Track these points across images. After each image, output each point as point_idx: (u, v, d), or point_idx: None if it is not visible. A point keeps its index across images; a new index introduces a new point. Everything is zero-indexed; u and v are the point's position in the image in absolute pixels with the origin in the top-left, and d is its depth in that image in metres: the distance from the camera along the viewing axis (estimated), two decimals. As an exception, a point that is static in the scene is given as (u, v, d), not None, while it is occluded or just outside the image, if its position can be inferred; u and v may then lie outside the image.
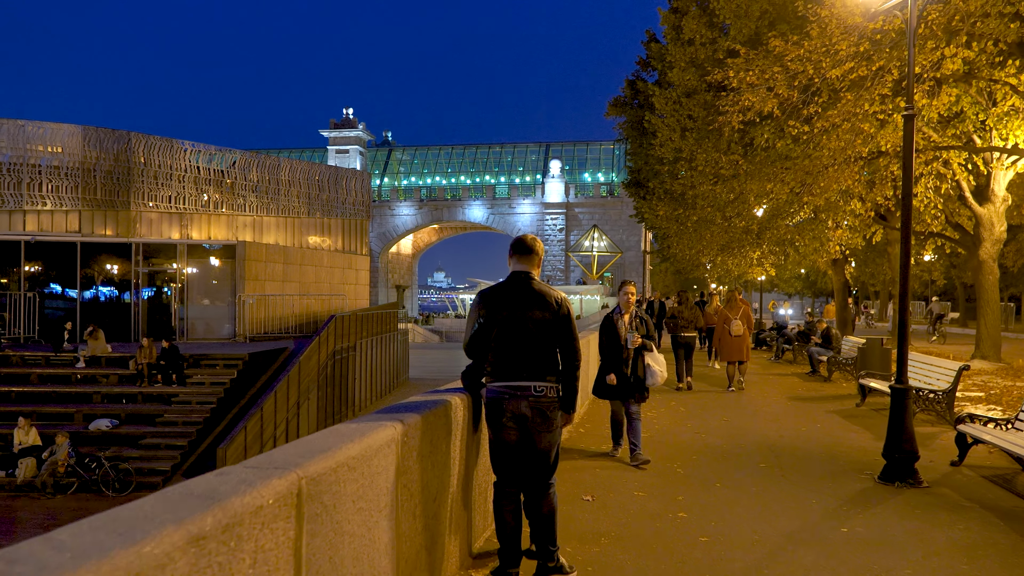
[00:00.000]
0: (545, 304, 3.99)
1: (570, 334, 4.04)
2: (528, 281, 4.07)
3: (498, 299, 4.02)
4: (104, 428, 17.23)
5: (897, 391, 6.79)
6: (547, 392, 3.98)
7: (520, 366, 3.97)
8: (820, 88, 12.28)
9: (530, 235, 4.27)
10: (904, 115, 6.80)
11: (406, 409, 3.65)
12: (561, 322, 4.00)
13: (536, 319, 3.96)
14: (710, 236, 17.43)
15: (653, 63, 20.03)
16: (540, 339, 3.98)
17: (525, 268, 4.12)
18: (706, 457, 7.60)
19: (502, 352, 4.00)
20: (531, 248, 4.15)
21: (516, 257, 4.16)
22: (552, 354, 4.03)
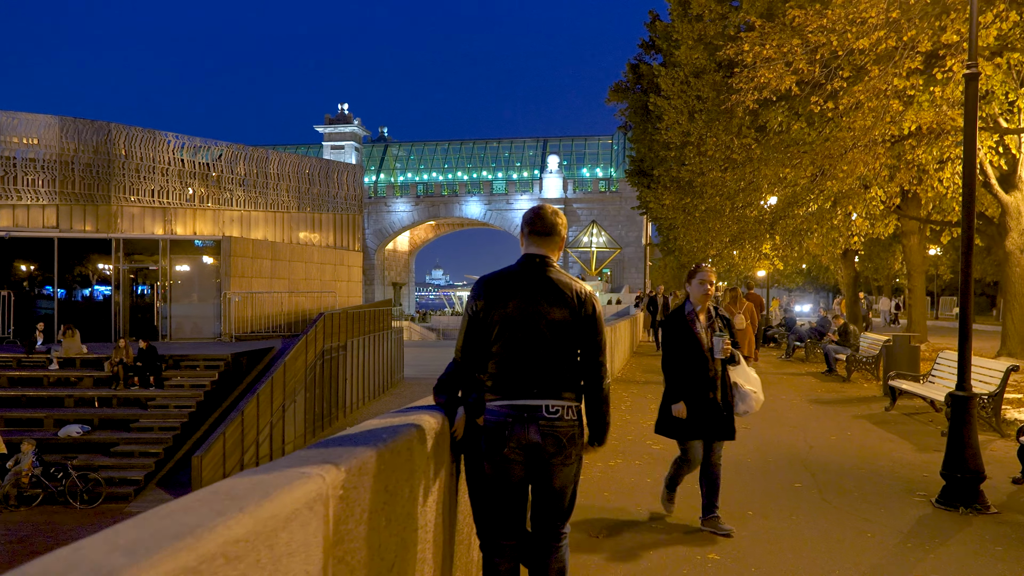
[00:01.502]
0: (564, 300, 2.98)
1: (596, 340, 3.01)
2: (544, 268, 3.05)
3: (503, 289, 2.99)
4: (74, 435, 16.19)
5: (959, 400, 5.77)
6: (563, 414, 2.95)
7: (529, 379, 2.94)
8: (842, 63, 11.24)
9: (551, 207, 3.21)
10: (967, 74, 5.77)
11: (351, 442, 2.61)
12: (585, 324, 2.99)
13: (552, 319, 2.96)
14: (719, 226, 16.39)
15: (658, 42, 18.96)
16: (556, 345, 2.95)
17: (542, 251, 3.08)
18: (730, 475, 6.57)
19: (506, 360, 2.95)
20: (552, 225, 3.11)
21: (531, 236, 3.10)
22: (571, 364, 3.00)
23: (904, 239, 20.10)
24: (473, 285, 3.07)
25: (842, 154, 11.95)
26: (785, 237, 15.63)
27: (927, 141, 11.95)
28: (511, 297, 2.95)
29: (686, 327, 4.91)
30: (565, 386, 2.95)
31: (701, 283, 4.93)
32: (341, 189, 32.79)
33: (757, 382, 5.15)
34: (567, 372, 2.96)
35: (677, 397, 4.89)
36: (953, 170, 13.10)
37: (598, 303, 3.05)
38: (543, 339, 2.92)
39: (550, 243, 3.10)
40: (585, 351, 3.00)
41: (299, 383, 19.60)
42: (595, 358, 3.00)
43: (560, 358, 2.94)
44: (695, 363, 4.84)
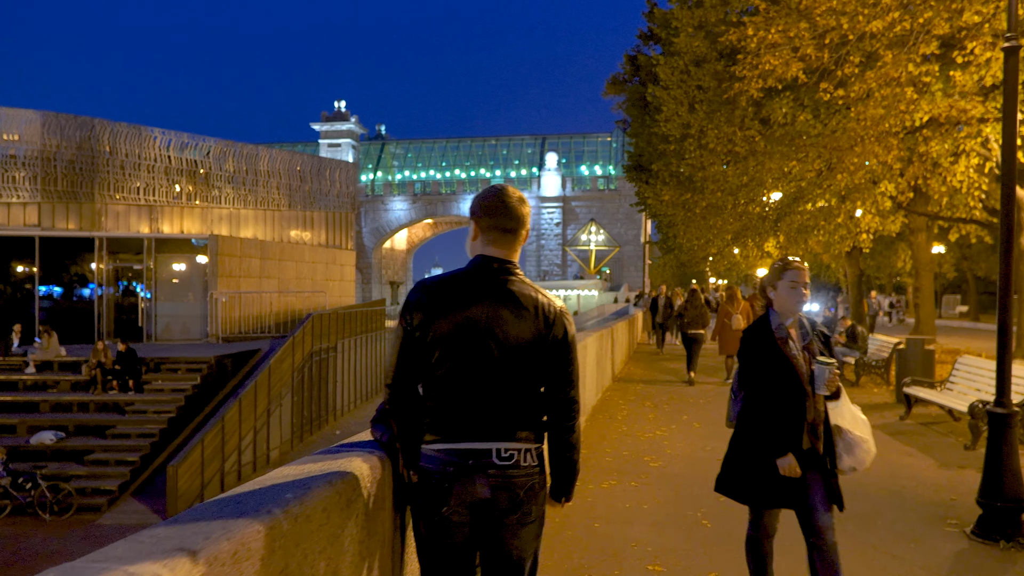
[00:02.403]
0: (527, 318, 2.24)
1: (567, 371, 2.29)
2: (505, 276, 2.29)
3: (448, 299, 2.25)
4: (48, 442, 15.50)
5: (998, 419, 5.09)
6: (520, 459, 2.22)
7: (476, 417, 2.21)
8: (852, 49, 10.55)
9: (517, 190, 2.40)
10: (1005, 47, 5.09)
11: (233, 511, 1.93)
12: (552, 350, 2.26)
13: (510, 341, 2.22)
14: (721, 223, 15.68)
15: (656, 31, 18.25)
16: (513, 374, 2.23)
17: (503, 253, 2.32)
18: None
19: (448, 391, 2.24)
20: (520, 218, 2.33)
21: (491, 231, 2.32)
22: (532, 398, 2.28)
23: (912, 237, 19.43)
24: (410, 291, 2.32)
25: (851, 146, 11.26)
26: (790, 235, 14.95)
27: (942, 132, 11.26)
28: (458, 310, 2.22)
29: (775, 350, 3.36)
30: (522, 424, 2.24)
31: (793, 286, 3.38)
32: (334, 186, 32.11)
33: (866, 425, 3.64)
34: (526, 407, 2.26)
35: (780, 447, 3.28)
36: (968, 163, 12.42)
37: (572, 323, 2.33)
38: (496, 366, 2.21)
39: (514, 242, 2.34)
40: (552, 383, 2.28)
41: (286, 386, 18.93)
42: (564, 393, 2.28)
43: (518, 390, 2.24)
44: (787, 400, 3.32)
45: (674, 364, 16.37)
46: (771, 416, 3.33)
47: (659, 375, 14.54)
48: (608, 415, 9.73)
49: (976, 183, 12.52)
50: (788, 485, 3.34)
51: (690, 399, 11.33)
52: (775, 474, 3.32)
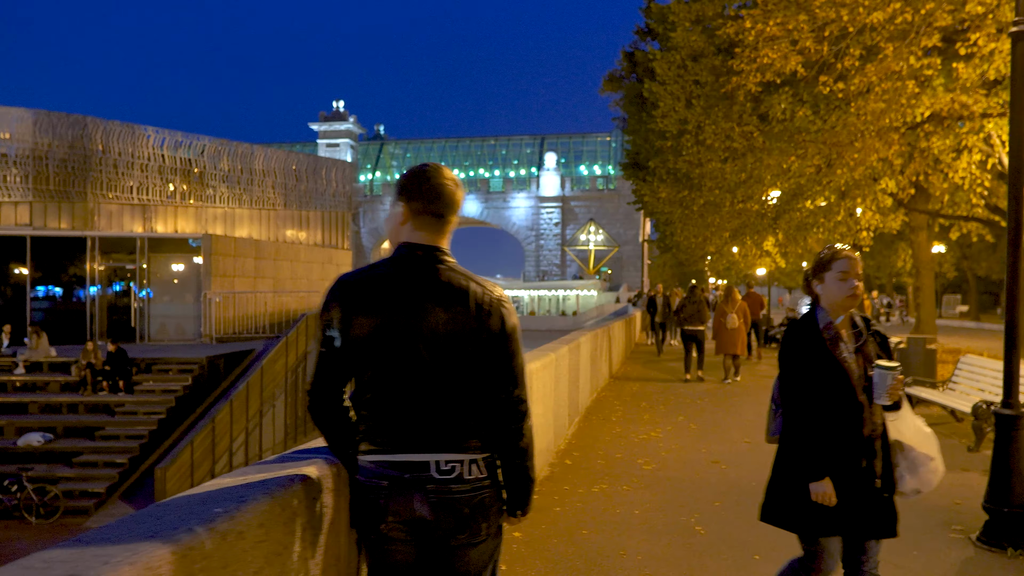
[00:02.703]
0: (461, 310, 1.98)
1: (509, 366, 2.02)
2: (434, 264, 2.03)
3: (370, 295, 1.98)
4: (35, 444, 15.27)
5: (1005, 420, 4.86)
6: (463, 471, 1.97)
7: (410, 424, 1.97)
8: (852, 42, 10.32)
9: (449, 172, 2.11)
10: (1013, 32, 4.86)
11: (146, 530, 1.70)
12: (492, 344, 1.99)
13: (441, 337, 1.96)
14: (719, 221, 15.44)
15: (653, 26, 18.02)
16: (448, 374, 1.97)
17: (432, 239, 2.06)
18: (732, 503, 5.67)
19: (379, 397, 2.00)
20: (453, 201, 2.08)
21: (420, 216, 2.05)
22: (476, 401, 2.01)
23: (912, 235, 19.19)
24: (329, 288, 2.06)
25: (851, 142, 11.03)
26: (789, 233, 14.71)
27: (944, 127, 11.04)
28: (379, 307, 1.96)
29: (823, 353, 2.84)
30: (465, 431, 1.99)
31: (843, 277, 2.84)
32: (330, 186, 31.88)
33: (932, 440, 3.00)
34: (468, 412, 2.00)
35: (816, 469, 2.79)
36: (970, 159, 12.19)
37: (511, 313, 2.05)
38: (427, 367, 1.97)
39: (445, 228, 2.09)
40: (493, 383, 2.01)
41: (279, 387, 18.70)
42: (507, 392, 2.02)
43: (456, 393, 1.99)
44: (839, 411, 2.81)
45: (671, 364, 16.14)
46: (819, 431, 2.79)
47: (655, 375, 14.31)
48: (602, 416, 9.50)
49: (979, 179, 12.29)
50: (839, 511, 2.81)
51: (686, 399, 11.10)
52: (837, 501, 2.79)
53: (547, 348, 7.37)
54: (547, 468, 6.57)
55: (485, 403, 2.01)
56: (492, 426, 2.03)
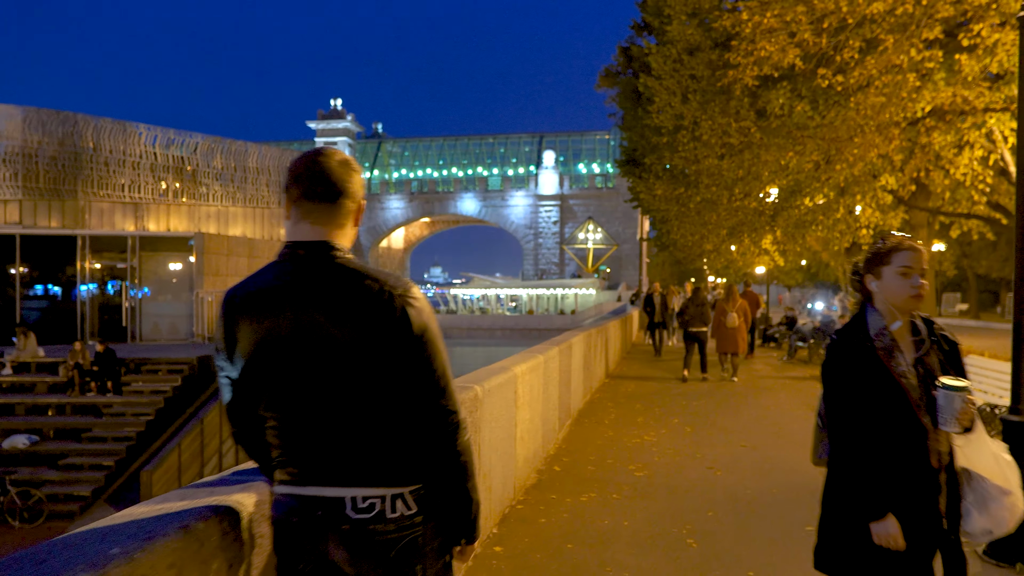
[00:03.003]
0: (360, 310, 1.64)
1: (429, 370, 1.69)
2: (324, 260, 1.69)
3: (243, 310, 1.69)
4: (21, 446, 15.01)
5: (1013, 427, 4.60)
6: (385, 509, 1.65)
7: (317, 453, 1.68)
8: (851, 35, 10.06)
9: (337, 152, 1.76)
10: (1021, 16, 4.60)
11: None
12: (401, 349, 1.65)
13: (333, 347, 1.64)
14: (716, 219, 15.16)
15: (649, 20, 17.73)
16: (353, 391, 1.65)
17: (319, 231, 1.71)
18: (727, 513, 5.41)
19: (277, 425, 1.72)
20: (338, 182, 1.72)
21: (300, 203, 1.72)
22: (391, 421, 1.68)
23: (912, 233, 18.93)
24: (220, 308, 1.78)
25: (851, 137, 10.77)
26: (787, 230, 14.44)
27: (945, 122, 10.78)
28: (258, 322, 1.66)
29: (877, 365, 2.31)
30: (385, 459, 1.66)
31: (905, 273, 2.32)
32: (325, 184, 31.62)
33: (1012, 471, 2.39)
34: (386, 435, 1.67)
35: (876, 505, 2.28)
36: (972, 155, 11.94)
37: (422, 309, 1.68)
38: (328, 385, 1.64)
39: (335, 216, 1.71)
40: (414, 394, 1.67)
41: (270, 388, 18.45)
42: (432, 404, 1.67)
43: (366, 413, 1.65)
44: (897, 437, 2.29)
45: (668, 364, 15.89)
46: (874, 460, 2.28)
47: (651, 376, 14.06)
48: (595, 419, 9.25)
49: (980, 176, 12.04)
50: (916, 555, 2.28)
51: (682, 401, 10.85)
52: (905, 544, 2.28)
53: (536, 350, 7.12)
54: (534, 475, 6.31)
55: (407, 421, 1.68)
56: (420, 448, 1.70)
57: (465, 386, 4.32)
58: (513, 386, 5.46)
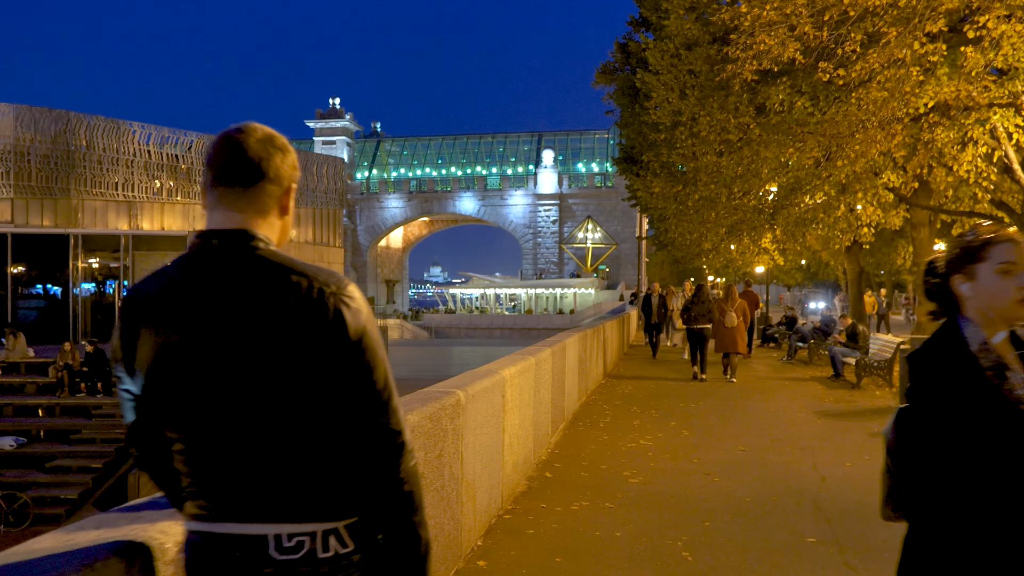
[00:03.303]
0: (276, 312, 1.35)
1: (367, 382, 1.40)
2: (229, 253, 1.40)
3: (153, 314, 1.40)
4: (7, 448, 14.77)
5: None
6: (315, 548, 1.37)
7: (234, 483, 1.39)
8: (853, 28, 9.82)
9: (261, 127, 1.47)
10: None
11: None
12: (334, 357, 1.37)
13: (252, 355, 1.36)
14: (714, 217, 14.91)
15: (646, 15, 17.47)
16: (276, 409, 1.37)
17: (231, 220, 1.43)
18: (724, 523, 5.17)
19: (189, 449, 1.42)
20: (248, 159, 1.42)
21: (210, 185, 1.45)
22: (322, 444, 1.39)
23: (914, 232, 18.68)
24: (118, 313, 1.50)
25: (852, 133, 10.53)
26: (787, 229, 14.20)
27: (949, 117, 10.54)
28: (167, 327, 1.39)
29: (987, 388, 1.71)
30: (315, 490, 1.39)
31: (1007, 271, 1.80)
32: (321, 182, 31.36)
33: None
34: (315, 459, 1.39)
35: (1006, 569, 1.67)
36: (975, 152, 11.71)
37: (360, 310, 1.41)
38: (244, 402, 1.37)
39: (255, 201, 1.44)
40: (351, 412, 1.40)
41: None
42: (371, 421, 1.41)
43: (292, 435, 1.38)
44: (1012, 482, 1.67)
45: (666, 365, 15.66)
46: (985, 519, 1.68)
47: (649, 377, 13.83)
48: (590, 422, 9.01)
49: (984, 172, 11.81)
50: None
51: (679, 403, 10.61)
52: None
53: (527, 352, 6.88)
54: (525, 482, 6.07)
55: (341, 443, 1.41)
56: (357, 475, 1.42)
57: (447, 391, 4.08)
58: (501, 390, 5.22)
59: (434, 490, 3.66)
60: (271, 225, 1.48)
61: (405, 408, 3.37)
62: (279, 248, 1.48)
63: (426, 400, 3.73)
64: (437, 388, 4.19)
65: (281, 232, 1.52)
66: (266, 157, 1.44)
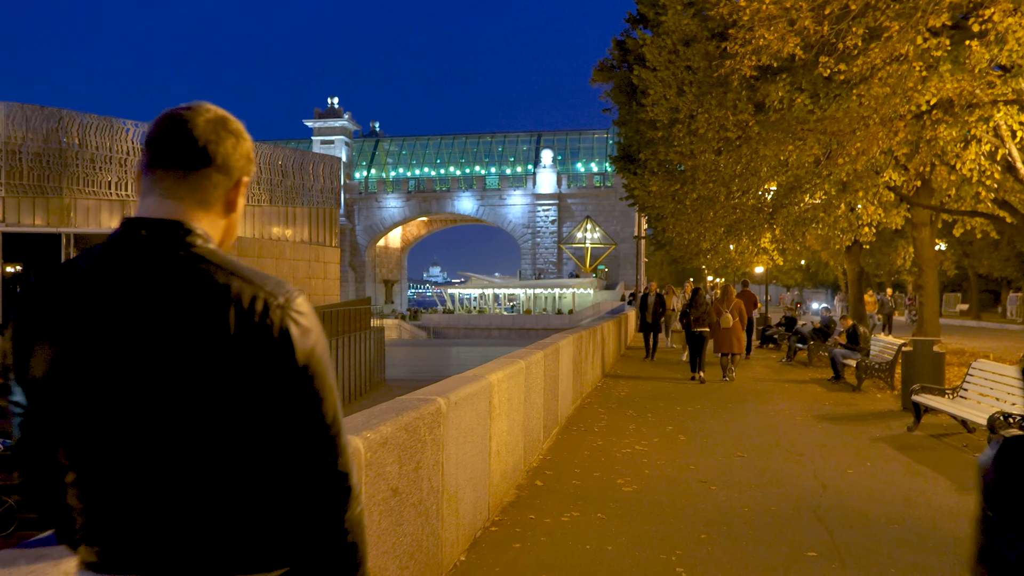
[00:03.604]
0: (207, 324, 1.11)
1: (312, 420, 1.16)
2: (159, 248, 1.15)
3: (53, 312, 1.13)
4: (-6, 451, 14.50)
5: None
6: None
7: (138, 528, 1.12)
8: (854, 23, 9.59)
9: (212, 108, 1.23)
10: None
11: None
12: (273, 383, 1.13)
13: (175, 369, 1.10)
14: (713, 216, 14.68)
15: (644, 11, 17.22)
16: (196, 438, 1.11)
17: (166, 209, 1.18)
18: (721, 535, 4.94)
19: (84, 482, 1.15)
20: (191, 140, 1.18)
21: (147, 169, 1.20)
22: (252, 486, 1.14)
23: (915, 232, 18.48)
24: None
25: (853, 130, 10.30)
26: (786, 228, 13.98)
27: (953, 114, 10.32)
28: (69, 330, 1.13)
29: None
30: (236, 537, 1.15)
31: None
32: (317, 181, 31.11)
33: None
34: (240, 505, 1.15)
35: None
36: (979, 150, 11.49)
37: (309, 329, 1.18)
38: (157, 423, 1.13)
39: (193, 188, 1.21)
40: (287, 444, 1.16)
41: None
42: (314, 461, 1.18)
43: (212, 468, 1.14)
44: None
45: (663, 367, 15.44)
46: None
47: (646, 379, 13.61)
48: (584, 426, 8.78)
49: (987, 171, 11.59)
50: None
51: (676, 406, 10.39)
52: None
53: (517, 355, 6.64)
54: (514, 491, 5.84)
55: (275, 486, 1.18)
56: (291, 522, 1.19)
57: (426, 399, 3.84)
58: (487, 396, 4.99)
59: (411, 505, 3.43)
60: (214, 221, 1.24)
61: (378, 419, 3.12)
62: (221, 250, 1.25)
63: (401, 409, 3.49)
64: (416, 395, 3.96)
65: (226, 231, 1.30)
66: (215, 140, 1.21)
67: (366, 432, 2.95)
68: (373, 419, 3.22)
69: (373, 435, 2.99)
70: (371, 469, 2.93)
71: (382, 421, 3.19)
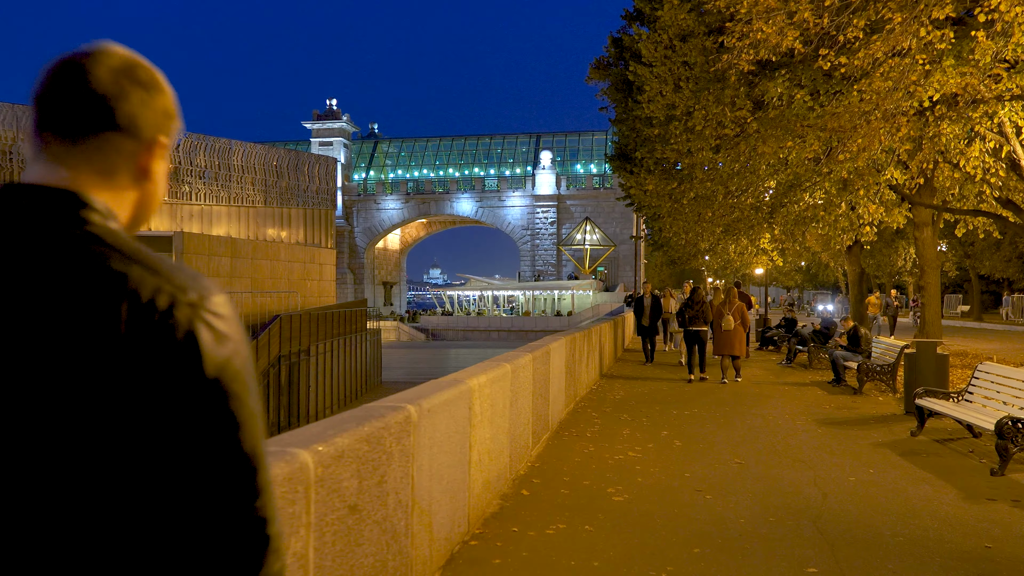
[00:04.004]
0: (94, 320, 0.81)
1: (227, 450, 0.86)
2: (60, 224, 0.86)
3: None
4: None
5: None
6: None
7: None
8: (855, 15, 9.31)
9: (112, 53, 0.93)
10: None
11: None
12: (186, 404, 0.84)
13: (43, 388, 0.80)
14: (711, 216, 14.39)
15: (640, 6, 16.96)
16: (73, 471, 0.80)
17: (57, 177, 0.89)
18: (715, 550, 4.65)
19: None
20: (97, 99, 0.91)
21: (35, 129, 0.92)
22: (145, 542, 0.82)
23: (917, 231, 18.18)
24: None
25: (854, 126, 10.02)
26: (786, 228, 13.69)
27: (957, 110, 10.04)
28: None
29: None
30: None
31: None
32: (312, 182, 30.84)
33: None
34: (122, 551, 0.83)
35: None
36: (983, 147, 11.21)
37: (226, 336, 0.88)
38: (15, 451, 0.81)
39: (91, 153, 0.92)
40: (191, 482, 0.85)
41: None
42: (229, 504, 0.86)
43: (91, 515, 0.82)
44: None
45: (660, 369, 15.15)
46: None
47: (642, 382, 13.31)
48: (576, 431, 8.49)
49: (992, 169, 11.30)
50: None
51: (672, 410, 10.10)
52: None
53: (503, 358, 6.35)
54: (497, 501, 5.55)
55: (169, 537, 0.87)
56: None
57: (394, 406, 3.56)
58: (467, 402, 4.70)
59: (373, 522, 3.14)
60: (120, 194, 0.97)
61: (335, 429, 2.80)
62: (127, 230, 0.97)
63: (365, 418, 3.21)
64: (384, 402, 3.68)
65: (138, 206, 1.00)
66: (118, 94, 0.95)
67: (318, 445, 2.66)
68: (330, 429, 2.94)
69: (326, 448, 2.70)
70: (323, 486, 2.64)
71: (340, 432, 2.90)
